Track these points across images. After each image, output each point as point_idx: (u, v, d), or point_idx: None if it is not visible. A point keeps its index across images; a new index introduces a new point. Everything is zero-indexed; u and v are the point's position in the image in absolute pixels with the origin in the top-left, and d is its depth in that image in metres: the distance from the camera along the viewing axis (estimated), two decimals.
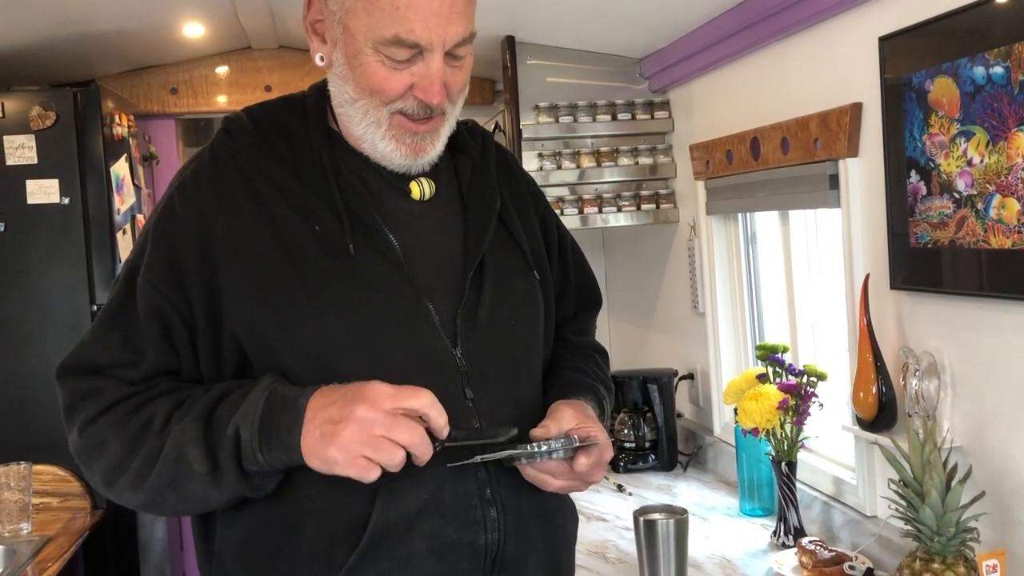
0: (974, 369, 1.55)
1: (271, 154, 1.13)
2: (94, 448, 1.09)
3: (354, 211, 1.12)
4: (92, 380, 1.10)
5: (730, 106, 2.37)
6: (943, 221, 1.55)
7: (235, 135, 1.16)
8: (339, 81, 1.12)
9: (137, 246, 1.15)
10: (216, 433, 1.03)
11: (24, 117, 2.59)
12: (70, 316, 2.64)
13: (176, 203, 1.13)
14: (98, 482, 1.12)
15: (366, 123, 1.11)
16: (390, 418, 0.99)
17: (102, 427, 1.08)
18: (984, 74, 1.43)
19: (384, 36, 1.05)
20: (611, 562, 1.91)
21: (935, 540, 1.41)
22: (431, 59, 1.07)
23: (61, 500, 2.61)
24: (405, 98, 1.09)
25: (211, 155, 1.16)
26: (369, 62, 1.07)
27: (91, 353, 1.12)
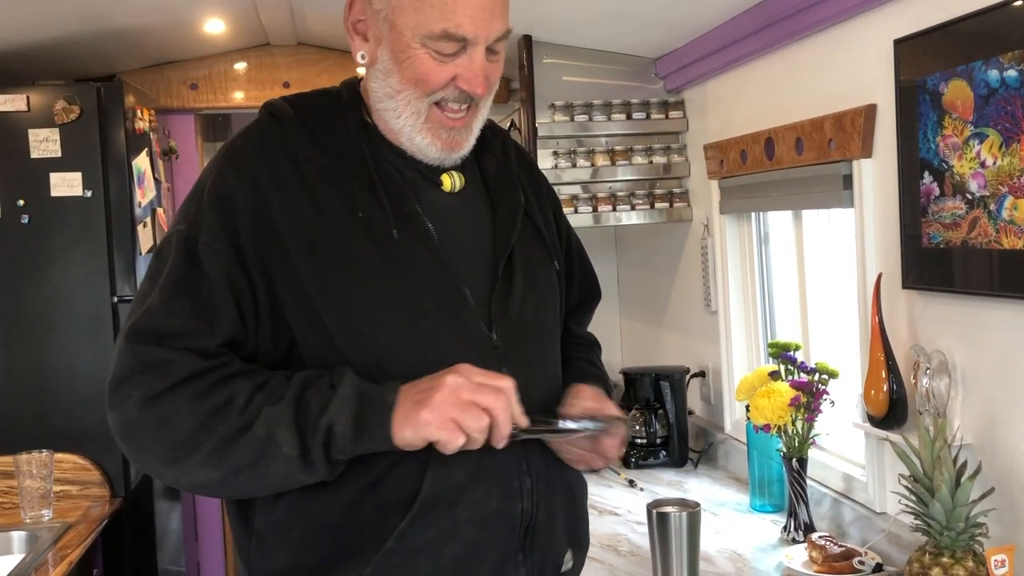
0: (984, 368, 1.57)
1: (315, 142, 1.18)
2: (157, 423, 1.07)
3: (395, 200, 1.17)
4: (162, 351, 1.08)
5: (745, 106, 2.39)
6: (955, 222, 1.57)
7: (281, 120, 1.19)
8: (382, 76, 1.17)
9: (187, 215, 1.14)
10: (308, 421, 1.06)
11: (49, 111, 2.63)
12: (91, 308, 2.68)
13: (229, 175, 1.15)
14: (153, 459, 1.09)
15: (407, 114, 1.17)
16: (477, 385, 1.07)
17: (172, 402, 1.06)
18: (998, 77, 1.45)
19: (433, 31, 1.11)
20: (623, 555, 1.94)
21: (944, 535, 1.43)
22: (475, 52, 1.14)
23: (81, 488, 2.65)
24: (447, 88, 1.15)
25: (260, 135, 1.19)
26: (417, 54, 1.13)
27: (162, 319, 1.09)
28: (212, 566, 3.53)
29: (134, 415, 1.08)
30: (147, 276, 1.15)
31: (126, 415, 1.09)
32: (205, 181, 1.17)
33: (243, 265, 1.11)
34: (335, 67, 3.36)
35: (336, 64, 3.37)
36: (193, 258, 1.11)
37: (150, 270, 1.15)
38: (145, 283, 1.14)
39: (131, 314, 1.12)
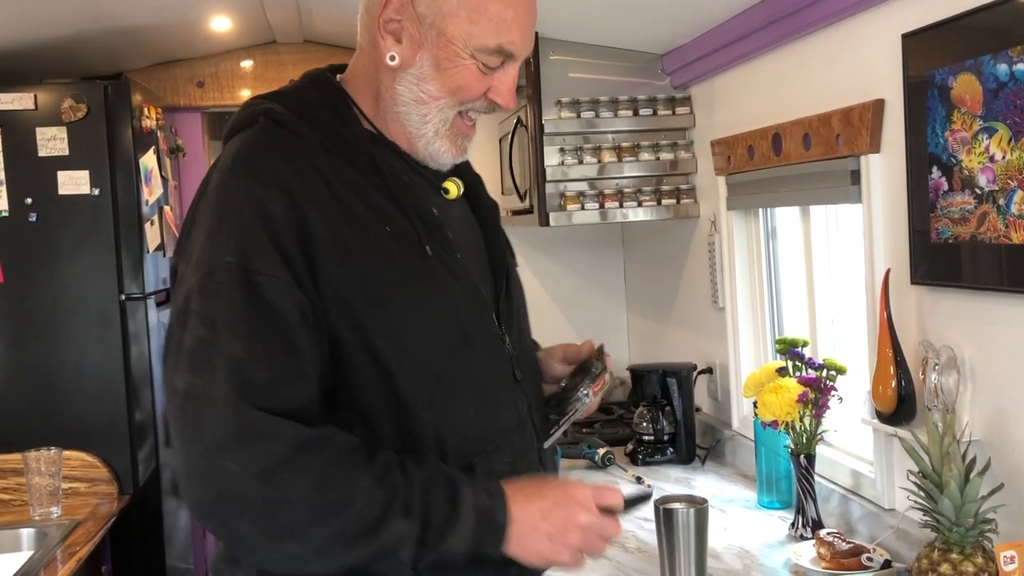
0: (993, 363, 1.57)
1: (326, 150, 1.13)
2: (264, 505, 0.98)
3: (418, 211, 1.16)
4: (266, 418, 0.99)
5: (752, 102, 2.38)
6: (964, 217, 1.56)
7: (288, 126, 1.13)
8: (414, 81, 1.14)
9: (226, 243, 1.04)
10: (429, 539, 1.04)
11: (56, 109, 2.64)
12: (99, 305, 2.69)
13: (260, 192, 1.06)
14: (245, 537, 1.00)
15: (435, 121, 1.16)
16: (604, 521, 1.12)
17: (285, 485, 0.98)
18: (1007, 71, 1.44)
19: (487, 45, 1.13)
20: (631, 552, 1.94)
21: (953, 531, 1.42)
22: (512, 67, 1.17)
23: (89, 485, 2.66)
24: (478, 99, 1.17)
25: (276, 146, 1.11)
26: (465, 65, 1.13)
27: (254, 371, 1.00)
28: None
29: (237, 491, 0.98)
30: (199, 319, 1.02)
31: (224, 490, 0.98)
32: (230, 203, 1.07)
33: (303, 289, 1.05)
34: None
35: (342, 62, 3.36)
36: (256, 293, 1.02)
37: (201, 313, 1.02)
38: (198, 328, 1.01)
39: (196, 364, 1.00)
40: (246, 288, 1.02)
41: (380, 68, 1.17)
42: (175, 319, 1.05)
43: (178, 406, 1.01)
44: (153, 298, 2.83)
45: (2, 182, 2.62)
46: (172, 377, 1.02)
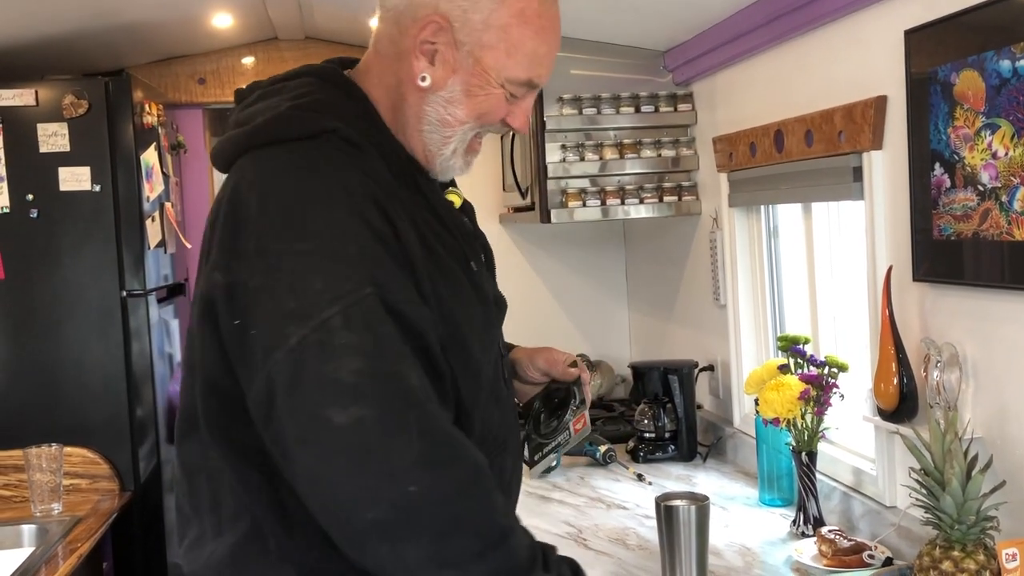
0: (996, 360, 1.56)
1: (384, 168, 1.14)
2: (445, 527, 1.00)
3: (457, 225, 1.22)
4: (450, 441, 1.02)
5: (754, 99, 2.38)
6: (967, 213, 1.56)
7: (355, 143, 1.12)
8: (443, 103, 1.17)
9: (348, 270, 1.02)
10: None
11: (57, 105, 2.64)
12: (100, 301, 2.69)
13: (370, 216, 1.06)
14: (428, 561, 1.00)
15: (456, 141, 1.19)
16: None
17: (464, 511, 1.01)
18: (1010, 67, 1.44)
19: (519, 77, 1.17)
20: (631, 549, 1.94)
21: (955, 528, 1.42)
22: (530, 97, 1.22)
23: (90, 482, 2.66)
24: (494, 124, 1.22)
25: (351, 163, 1.10)
26: (495, 92, 1.17)
27: (425, 396, 1.02)
28: None
29: (416, 514, 0.98)
30: (352, 353, 0.99)
31: (403, 512, 0.98)
32: (343, 225, 1.04)
33: (430, 313, 1.09)
34: None
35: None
36: (402, 321, 1.04)
37: (353, 347, 1.00)
38: (355, 362, 0.99)
39: (361, 396, 0.98)
40: (393, 317, 1.03)
41: (406, 85, 1.17)
42: (308, 351, 1.00)
43: (345, 439, 0.98)
44: (154, 294, 2.83)
45: (3, 178, 2.62)
46: (321, 411, 0.99)
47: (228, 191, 1.11)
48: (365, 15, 2.97)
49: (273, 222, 1.05)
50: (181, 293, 3.27)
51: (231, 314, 1.06)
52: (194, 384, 1.15)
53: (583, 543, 1.98)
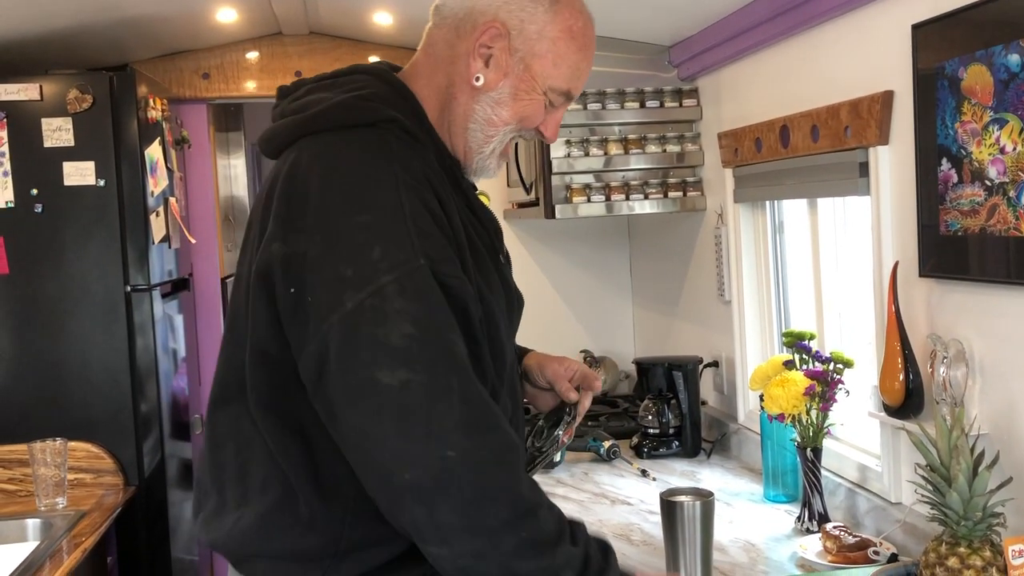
0: (1003, 356, 1.56)
1: (433, 159, 1.24)
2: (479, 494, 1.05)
3: (489, 220, 1.32)
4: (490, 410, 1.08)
5: (759, 94, 2.37)
6: (974, 209, 1.55)
7: (416, 137, 1.22)
8: (491, 104, 1.26)
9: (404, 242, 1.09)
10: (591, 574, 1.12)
11: (61, 100, 2.63)
12: (104, 296, 2.69)
13: (424, 194, 1.13)
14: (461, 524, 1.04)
15: (497, 141, 1.29)
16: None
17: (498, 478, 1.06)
18: (1019, 61, 1.43)
19: (561, 87, 1.27)
20: (636, 544, 1.93)
21: (961, 525, 1.41)
22: (563, 108, 1.32)
23: (94, 476, 2.66)
24: (530, 130, 1.31)
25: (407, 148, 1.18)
26: (537, 98, 1.27)
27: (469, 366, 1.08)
28: None
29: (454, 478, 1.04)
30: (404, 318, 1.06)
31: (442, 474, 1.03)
32: (398, 201, 1.11)
33: (474, 293, 1.16)
34: (347, 56, 3.35)
35: (348, 53, 3.36)
36: (451, 295, 1.11)
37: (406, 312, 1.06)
38: (406, 327, 1.05)
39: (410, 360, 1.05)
40: (443, 289, 1.10)
41: (459, 85, 1.27)
42: (365, 314, 1.06)
43: (393, 400, 1.04)
44: (158, 289, 2.83)
45: (8, 173, 2.62)
46: (372, 372, 1.05)
47: (286, 168, 1.17)
48: (369, 9, 2.96)
49: (334, 197, 1.11)
50: (185, 288, 3.27)
51: (288, 283, 1.12)
52: (234, 355, 1.21)
53: None
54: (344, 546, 1.18)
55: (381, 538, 1.18)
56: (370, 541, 1.18)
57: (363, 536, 1.18)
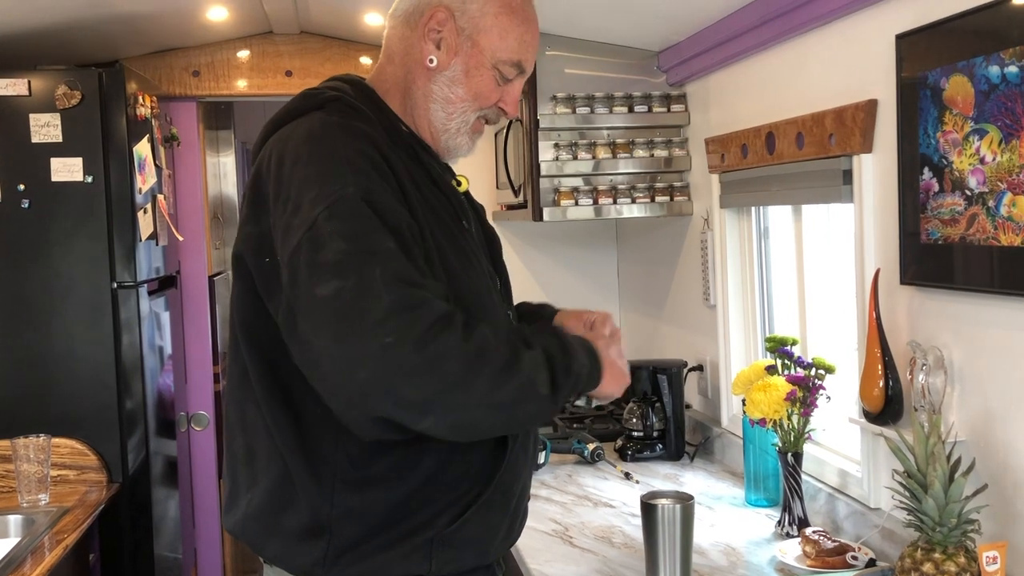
0: (981, 364, 1.57)
1: (385, 134, 1.31)
2: (428, 366, 1.10)
3: (452, 191, 1.38)
4: (418, 291, 1.13)
5: (746, 100, 2.38)
6: (954, 218, 1.57)
7: (360, 111, 1.31)
8: (447, 83, 1.37)
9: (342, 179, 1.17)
10: (557, 365, 1.21)
11: (50, 96, 2.63)
12: (91, 293, 2.69)
13: (360, 143, 1.23)
14: (414, 401, 1.11)
15: (458, 119, 1.38)
16: None
17: (440, 343, 1.11)
18: (999, 73, 1.45)
19: (510, 58, 1.37)
20: (617, 547, 1.94)
21: (937, 531, 1.43)
22: (519, 82, 1.41)
23: (78, 473, 2.66)
24: (491, 108, 1.40)
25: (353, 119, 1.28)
26: (486, 74, 1.37)
27: (404, 263, 1.14)
28: (209, 553, 3.54)
29: (399, 360, 1.09)
30: (336, 237, 1.14)
31: (387, 362, 1.09)
32: (334, 152, 1.21)
33: (410, 218, 1.22)
34: (338, 56, 3.35)
35: (339, 53, 3.36)
36: (381, 215, 1.17)
37: (338, 232, 1.14)
38: (338, 243, 1.14)
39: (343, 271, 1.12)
40: (372, 210, 1.17)
41: (415, 70, 1.38)
42: (302, 249, 1.15)
43: (329, 308, 1.12)
44: (145, 287, 2.83)
45: None
46: (312, 290, 1.13)
47: (254, 167, 1.32)
48: (359, 10, 2.97)
49: (287, 169, 1.23)
50: (172, 285, 3.26)
51: (259, 255, 1.24)
52: (237, 341, 1.31)
53: (569, 541, 1.99)
54: (337, 514, 1.24)
55: (373, 504, 1.25)
56: (363, 508, 1.25)
57: (354, 505, 1.25)
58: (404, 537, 1.26)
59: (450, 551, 1.29)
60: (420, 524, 1.27)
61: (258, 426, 1.29)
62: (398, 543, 1.26)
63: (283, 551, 1.29)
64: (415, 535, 1.27)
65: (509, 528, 1.39)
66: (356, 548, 1.26)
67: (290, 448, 1.26)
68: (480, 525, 1.31)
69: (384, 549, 1.26)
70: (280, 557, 1.30)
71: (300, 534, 1.26)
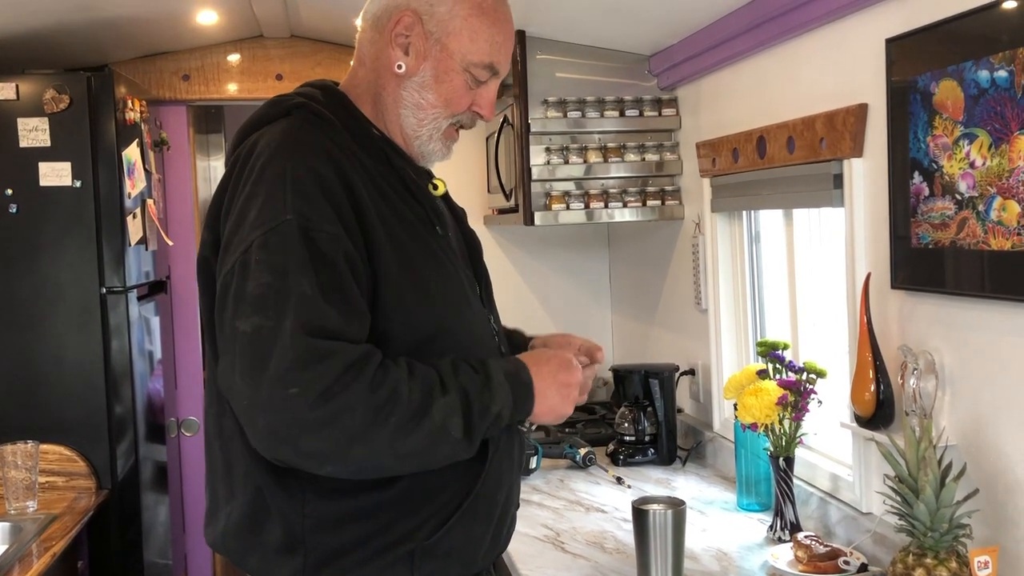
0: (972, 369, 1.57)
1: (354, 141, 1.30)
2: (332, 418, 1.10)
3: (428, 200, 1.36)
4: (326, 343, 1.12)
5: (737, 105, 2.38)
6: (944, 222, 1.57)
7: (324, 119, 1.29)
8: (416, 88, 1.34)
9: (283, 205, 1.16)
10: (474, 408, 1.20)
11: (38, 100, 2.61)
12: (80, 298, 2.67)
13: (313, 161, 1.20)
14: (317, 453, 1.11)
15: (430, 126, 1.35)
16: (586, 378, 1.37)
17: (345, 396, 1.10)
18: (988, 77, 1.45)
19: (482, 61, 1.34)
20: (608, 552, 1.94)
21: (928, 536, 1.43)
22: (493, 85, 1.38)
23: (66, 479, 2.64)
24: (464, 113, 1.37)
25: (317, 130, 1.27)
26: (457, 78, 1.34)
27: (320, 308, 1.12)
28: (200, 560, 3.52)
29: (303, 412, 1.09)
30: (263, 268, 1.13)
31: (291, 412, 1.09)
32: (286, 170, 1.19)
33: (354, 244, 1.19)
34: (328, 60, 3.35)
35: (329, 57, 3.36)
36: (314, 246, 1.15)
37: (265, 263, 1.14)
38: (264, 276, 1.13)
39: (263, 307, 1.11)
40: (305, 241, 1.15)
41: (385, 75, 1.35)
42: (234, 273, 1.16)
43: (245, 345, 1.12)
44: (135, 291, 2.81)
45: None
46: (234, 322, 1.14)
47: (224, 173, 1.31)
48: (350, 13, 2.96)
49: (242, 179, 1.23)
50: (162, 291, 3.25)
51: (218, 266, 1.23)
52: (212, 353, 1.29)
53: (560, 546, 1.98)
54: (310, 525, 1.23)
55: (347, 515, 1.23)
56: (337, 519, 1.23)
57: (327, 515, 1.23)
58: (385, 549, 1.24)
59: (433, 562, 1.27)
60: (401, 536, 1.25)
61: (235, 440, 1.27)
62: (378, 555, 1.24)
63: (262, 565, 1.27)
64: (396, 547, 1.25)
65: (495, 537, 1.37)
66: (335, 561, 1.24)
67: (258, 461, 1.24)
68: (463, 535, 1.30)
69: (364, 562, 1.24)
70: (259, 570, 1.28)
71: (277, 549, 1.24)
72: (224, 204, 1.26)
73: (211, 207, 1.31)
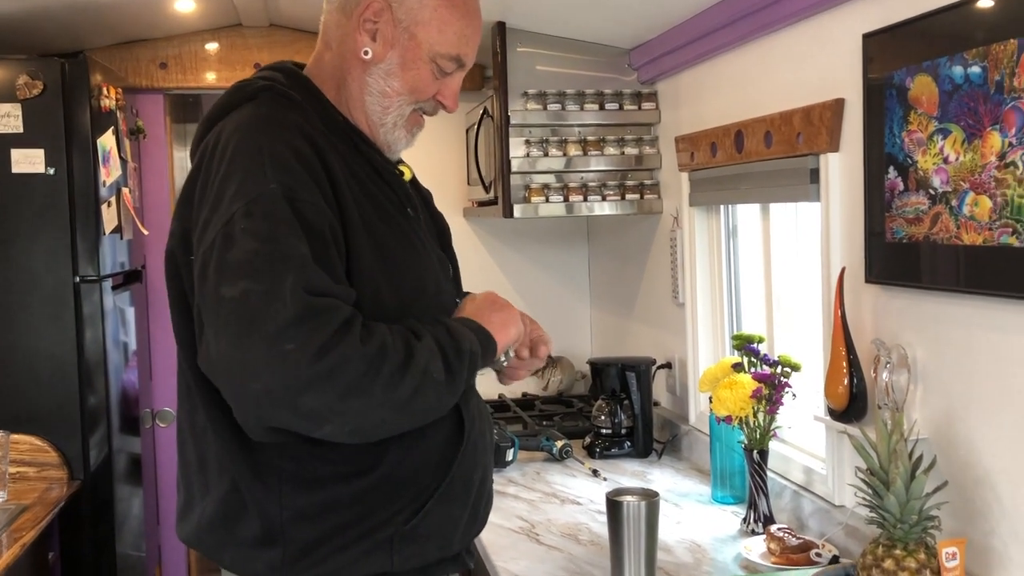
0: (944, 362, 1.59)
1: (322, 124, 1.29)
2: (329, 373, 1.09)
3: (398, 184, 1.37)
4: (323, 300, 1.12)
5: (716, 99, 2.39)
6: (918, 217, 1.58)
7: (293, 101, 1.29)
8: (383, 75, 1.33)
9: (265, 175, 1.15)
10: (448, 350, 1.21)
11: (11, 85, 2.58)
12: (53, 287, 2.64)
13: (288, 136, 1.20)
14: (318, 410, 1.11)
15: (394, 113, 1.35)
16: None
17: (341, 350, 1.10)
18: (962, 73, 1.46)
19: (449, 52, 1.34)
20: (583, 544, 1.94)
21: (898, 527, 1.44)
22: (459, 76, 1.39)
23: (38, 470, 2.61)
24: (428, 101, 1.38)
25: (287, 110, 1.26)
26: (423, 68, 1.34)
27: (313, 272, 1.13)
28: (174, 552, 3.49)
29: (300, 369, 1.08)
30: (248, 236, 1.12)
31: (288, 370, 1.08)
32: (262, 146, 1.18)
33: (333, 213, 1.20)
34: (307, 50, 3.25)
35: (308, 47, 3.28)
36: (300, 213, 1.15)
37: (250, 231, 1.13)
38: (250, 243, 1.12)
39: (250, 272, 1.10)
40: (292, 209, 1.15)
41: (350, 61, 1.34)
42: (216, 244, 1.14)
43: (232, 311, 1.10)
44: (109, 281, 2.78)
45: None
46: (219, 290, 1.11)
47: (192, 166, 1.30)
48: None
49: (213, 164, 1.22)
50: (137, 280, 3.22)
51: (187, 253, 1.23)
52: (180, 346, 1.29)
53: (535, 538, 1.98)
54: (288, 516, 1.23)
55: (325, 504, 1.23)
56: (315, 509, 1.23)
57: (305, 506, 1.23)
58: (363, 536, 1.25)
59: (412, 546, 1.28)
60: (379, 522, 1.25)
61: (208, 435, 1.27)
62: (357, 543, 1.24)
63: (237, 559, 1.27)
64: (374, 533, 1.25)
65: (472, 517, 1.38)
66: (313, 551, 1.24)
67: (233, 454, 1.24)
68: (441, 517, 1.31)
69: (342, 550, 1.24)
70: (235, 564, 1.28)
71: (253, 543, 1.24)
72: (196, 193, 1.24)
73: (180, 198, 1.30)
